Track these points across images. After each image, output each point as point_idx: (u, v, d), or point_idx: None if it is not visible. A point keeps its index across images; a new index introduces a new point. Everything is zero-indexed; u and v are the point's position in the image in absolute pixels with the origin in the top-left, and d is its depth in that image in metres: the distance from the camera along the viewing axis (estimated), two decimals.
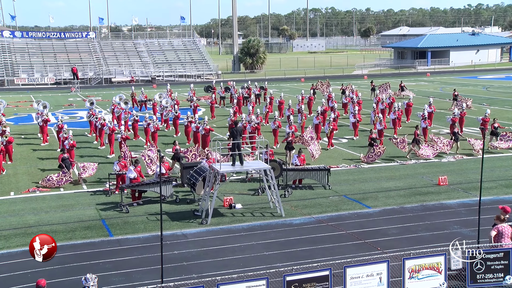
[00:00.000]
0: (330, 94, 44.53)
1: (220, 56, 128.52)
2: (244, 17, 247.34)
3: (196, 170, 22.36)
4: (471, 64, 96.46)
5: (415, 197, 22.97)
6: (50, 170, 27.66)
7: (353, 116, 35.48)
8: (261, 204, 22.27)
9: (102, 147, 32.98)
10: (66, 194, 24.14)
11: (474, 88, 55.11)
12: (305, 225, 19.85)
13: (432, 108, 37.28)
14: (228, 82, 58.10)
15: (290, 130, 30.37)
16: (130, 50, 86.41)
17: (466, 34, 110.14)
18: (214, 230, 19.49)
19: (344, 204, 22.13)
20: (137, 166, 23.08)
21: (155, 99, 44.31)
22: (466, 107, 40.78)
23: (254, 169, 22.33)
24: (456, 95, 46.64)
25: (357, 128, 35.47)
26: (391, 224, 19.73)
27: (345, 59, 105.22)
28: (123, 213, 21.43)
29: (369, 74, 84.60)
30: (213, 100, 45.52)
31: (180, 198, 22.97)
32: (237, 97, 46.53)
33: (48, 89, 70.33)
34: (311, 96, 45.29)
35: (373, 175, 26.53)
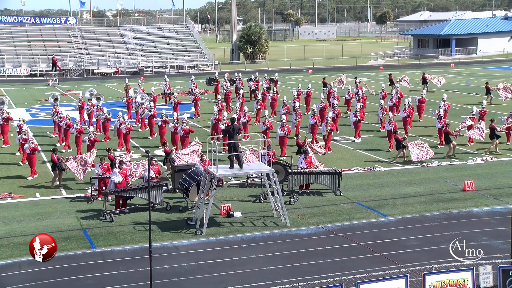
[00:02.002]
0: (331, 89, 43.90)
1: (217, 45, 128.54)
2: (244, 0, 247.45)
3: (189, 173, 22.35)
4: (503, 53, 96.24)
5: (438, 204, 22.96)
6: (11, 178, 27.61)
7: (354, 114, 34.50)
8: (263, 213, 22.26)
9: (69, 150, 32.25)
10: (42, 201, 24.15)
11: (508, 80, 54.91)
12: (313, 236, 19.84)
13: (446, 105, 36.70)
14: (226, 73, 58.02)
15: (282, 132, 30.01)
16: (115, 38, 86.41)
17: (498, 19, 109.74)
18: (210, 242, 19.48)
19: (357, 212, 22.12)
20: (123, 169, 23.06)
21: (130, 95, 43.30)
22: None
23: (255, 173, 22.32)
24: (488, 88, 46.70)
25: (359, 128, 34.57)
26: (410, 235, 19.73)
27: (358, 48, 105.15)
28: (107, 222, 21.43)
29: (386, 65, 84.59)
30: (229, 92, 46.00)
31: (171, 206, 22.97)
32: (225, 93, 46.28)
33: (21, 82, 70.24)
34: (309, 91, 43.72)
35: (390, 180, 26.52)
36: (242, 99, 40.47)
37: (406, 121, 34.94)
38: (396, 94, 40.76)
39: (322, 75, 66.22)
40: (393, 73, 56.68)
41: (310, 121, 33.28)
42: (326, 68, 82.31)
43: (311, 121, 33.21)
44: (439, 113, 32.36)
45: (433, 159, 29.50)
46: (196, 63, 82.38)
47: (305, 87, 45.44)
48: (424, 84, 53.90)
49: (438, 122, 31.91)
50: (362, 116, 35.14)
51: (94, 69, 77.45)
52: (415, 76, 60.82)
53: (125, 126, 32.01)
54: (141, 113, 38.48)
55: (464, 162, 29.29)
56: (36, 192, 25.30)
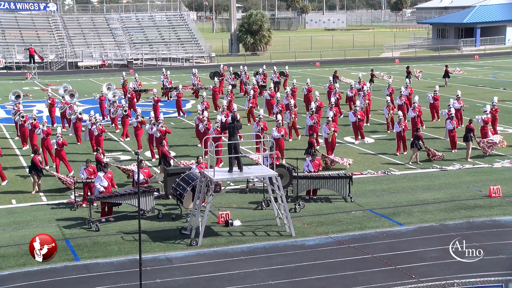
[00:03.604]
0: (332, 85, 43.31)
1: (214, 35, 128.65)
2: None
3: (183, 178, 22.35)
4: None
5: (460, 212, 22.97)
6: None
7: (353, 113, 33.86)
8: (265, 221, 22.28)
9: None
10: (19, 208, 24.17)
11: None
12: (321, 247, 19.85)
13: (461, 104, 36.18)
14: (223, 67, 58.05)
15: (279, 133, 29.55)
16: (100, 27, 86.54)
17: None
18: (207, 254, 19.49)
19: (369, 221, 22.14)
20: (108, 172, 23.07)
21: (103, 91, 42.39)
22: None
23: (256, 177, 22.33)
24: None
25: (361, 128, 34.09)
26: (428, 246, 19.72)
27: (371, 38, 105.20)
28: (92, 231, 21.45)
29: (401, 58, 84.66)
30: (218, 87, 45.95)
31: (163, 213, 22.98)
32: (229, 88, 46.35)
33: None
34: (310, 87, 42.76)
35: (406, 184, 26.53)
36: (231, 95, 40.10)
37: (415, 122, 33.79)
38: (406, 90, 39.57)
39: (331, 68, 66.33)
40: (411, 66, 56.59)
41: (308, 121, 32.73)
42: (335, 60, 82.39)
43: (309, 122, 32.68)
44: (450, 112, 31.93)
45: (455, 162, 29.50)
46: (191, 55, 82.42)
47: (314, 81, 45.28)
48: (445, 77, 53.93)
49: (450, 123, 31.37)
50: (363, 115, 34.66)
51: (78, 61, 77.55)
52: (434, 70, 60.95)
53: (96, 127, 31.17)
54: (113, 112, 37.79)
55: (490, 165, 29.28)
56: (12, 199, 25.32)
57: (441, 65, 63.21)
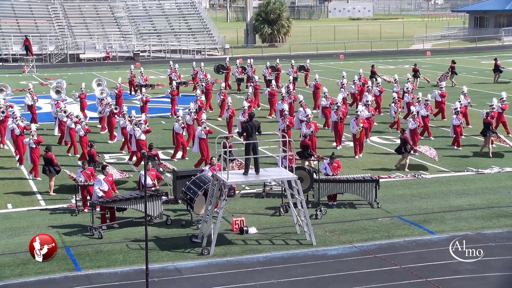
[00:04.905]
0: (342, 82, 42.59)
1: (229, 24, 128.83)
2: None
3: (194, 181, 22.40)
4: None
5: (499, 220, 22.85)
6: None
7: (335, 112, 32.96)
8: (283, 228, 22.29)
9: None
10: (15, 213, 24.29)
11: None
12: (344, 257, 19.83)
13: (467, 100, 36.82)
14: (239, 59, 58.16)
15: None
16: (105, 16, 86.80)
17: None
18: (219, 264, 19.52)
19: (398, 229, 22.09)
20: (108, 175, 23.10)
21: (83, 89, 42.17)
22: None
23: (274, 180, 22.32)
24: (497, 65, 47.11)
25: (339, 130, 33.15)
26: (463, 257, 19.63)
27: (400, 28, 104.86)
28: (95, 238, 21.52)
29: (434, 50, 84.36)
30: None
31: (172, 219, 23.03)
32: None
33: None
34: (318, 83, 42.53)
35: (438, 189, 26.45)
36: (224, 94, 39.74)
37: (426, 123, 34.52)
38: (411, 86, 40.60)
39: (356, 61, 66.19)
40: (444, 60, 56.34)
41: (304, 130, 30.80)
42: (360, 53, 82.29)
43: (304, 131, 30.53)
44: (457, 109, 32.85)
45: (493, 165, 29.38)
46: (203, 47, 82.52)
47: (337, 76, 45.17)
48: (496, 72, 53.57)
49: (456, 118, 32.38)
50: (344, 115, 33.78)
51: (80, 53, 77.83)
52: (469, 63, 60.58)
53: (82, 126, 31.09)
54: (101, 111, 37.24)
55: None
56: (8, 203, 25.47)
57: (478, 58, 63.01)
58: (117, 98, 41.27)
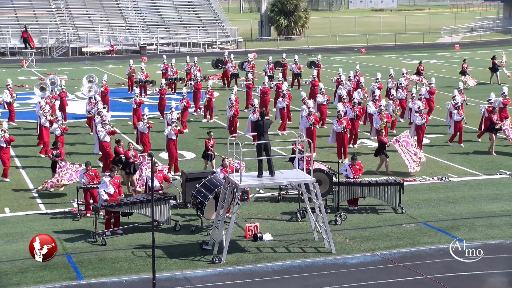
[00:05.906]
0: (339, 79, 43.62)
1: (242, 16, 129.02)
2: None
3: (204, 183, 22.43)
4: None
5: None
6: None
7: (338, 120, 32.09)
8: (300, 235, 22.29)
9: None
10: (13, 218, 24.37)
11: None
12: (366, 266, 19.82)
13: (463, 97, 37.11)
14: (253, 54, 58.17)
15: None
16: (109, 7, 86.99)
17: None
18: (231, 272, 19.54)
19: (424, 236, 22.05)
20: (114, 177, 23.14)
21: (63, 87, 41.91)
22: None
23: (290, 183, 22.31)
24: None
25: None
26: (495, 267, 19.58)
27: (426, 20, 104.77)
28: (98, 245, 21.58)
29: (463, 43, 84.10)
30: None
31: (180, 225, 23.07)
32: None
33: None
34: (315, 80, 43.40)
35: (467, 193, 26.40)
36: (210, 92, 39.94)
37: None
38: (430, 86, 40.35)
39: (378, 55, 66.08)
40: (474, 53, 56.17)
41: (305, 123, 31.82)
42: (383, 46, 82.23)
43: (304, 123, 31.70)
44: (457, 103, 33.69)
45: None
46: (215, 40, 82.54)
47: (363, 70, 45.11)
48: (493, 71, 53.54)
49: (457, 113, 33.18)
50: (361, 111, 34.21)
51: (82, 47, 78.06)
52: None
53: (58, 126, 30.94)
54: (89, 110, 37.10)
55: None
56: (5, 207, 25.56)
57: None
58: (103, 96, 40.96)
